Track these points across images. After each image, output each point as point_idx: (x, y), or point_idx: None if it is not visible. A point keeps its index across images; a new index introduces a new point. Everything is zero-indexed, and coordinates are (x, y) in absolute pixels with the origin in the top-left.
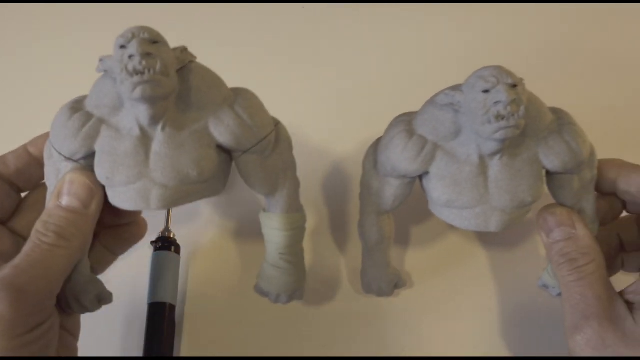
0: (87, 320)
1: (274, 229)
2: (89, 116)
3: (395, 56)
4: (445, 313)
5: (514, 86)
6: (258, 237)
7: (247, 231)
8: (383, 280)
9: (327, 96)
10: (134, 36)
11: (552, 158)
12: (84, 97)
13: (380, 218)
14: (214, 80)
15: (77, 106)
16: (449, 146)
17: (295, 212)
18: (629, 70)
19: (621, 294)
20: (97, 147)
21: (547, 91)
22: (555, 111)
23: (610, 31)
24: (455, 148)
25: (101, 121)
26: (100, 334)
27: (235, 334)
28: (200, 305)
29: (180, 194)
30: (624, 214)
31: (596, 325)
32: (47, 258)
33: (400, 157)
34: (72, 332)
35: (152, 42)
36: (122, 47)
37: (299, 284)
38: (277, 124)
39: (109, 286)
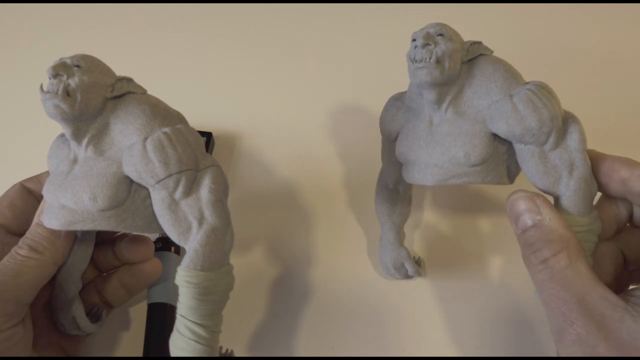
0: None
1: (176, 283)
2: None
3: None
4: (446, 312)
5: (440, 35)
6: (258, 237)
7: (247, 232)
8: (388, 258)
9: (326, 93)
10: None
11: (495, 120)
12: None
13: (386, 189)
14: (143, 112)
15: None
16: (416, 109)
17: (201, 270)
18: (629, 71)
19: (628, 293)
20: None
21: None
22: (535, 82)
23: (610, 31)
24: (419, 110)
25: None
26: (101, 334)
27: (235, 334)
28: None
29: (71, 215)
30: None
31: (583, 330)
32: (18, 268)
33: (384, 117)
34: (68, 353)
35: (73, 65)
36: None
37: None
38: (209, 165)
39: None
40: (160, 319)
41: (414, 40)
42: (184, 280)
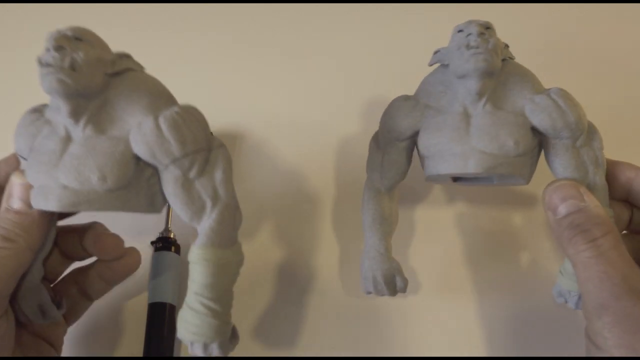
0: (88, 321)
1: (190, 262)
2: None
3: (394, 51)
4: (445, 315)
5: (487, 28)
6: (258, 237)
7: (247, 231)
8: (378, 270)
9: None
10: (54, 35)
11: (538, 113)
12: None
13: (379, 195)
14: (148, 89)
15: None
16: (438, 104)
17: (218, 247)
18: (629, 71)
19: None
20: (35, 147)
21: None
22: (557, 87)
23: (611, 31)
24: (443, 106)
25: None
26: (101, 334)
27: None
28: None
29: (83, 197)
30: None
31: (629, 304)
32: None
33: (394, 116)
34: (51, 342)
35: (74, 38)
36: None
37: (218, 335)
38: (219, 146)
39: None
40: (160, 319)
41: (460, 31)
42: (202, 258)
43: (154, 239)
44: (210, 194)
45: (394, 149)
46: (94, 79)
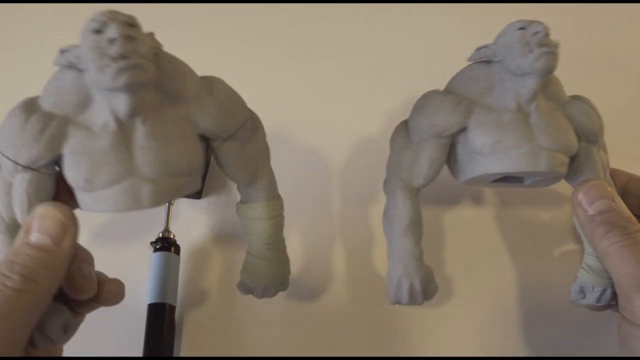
0: (87, 321)
1: (258, 218)
2: (50, 116)
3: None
4: (446, 314)
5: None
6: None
7: None
8: (416, 277)
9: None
10: (110, 19)
11: (580, 116)
12: (36, 97)
13: (413, 196)
14: (186, 68)
15: (31, 107)
16: (485, 101)
17: (276, 199)
18: (630, 71)
19: None
20: (67, 150)
21: None
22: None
23: (614, 31)
24: (491, 103)
25: (66, 120)
26: (101, 334)
27: (235, 334)
28: (200, 306)
29: (171, 189)
30: None
31: None
32: (11, 306)
33: (439, 110)
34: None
35: (129, 24)
36: (98, 31)
37: (285, 273)
38: (250, 110)
39: None
40: (160, 319)
41: (521, 28)
42: (271, 209)
43: (153, 239)
44: (259, 155)
45: (435, 146)
46: (155, 67)
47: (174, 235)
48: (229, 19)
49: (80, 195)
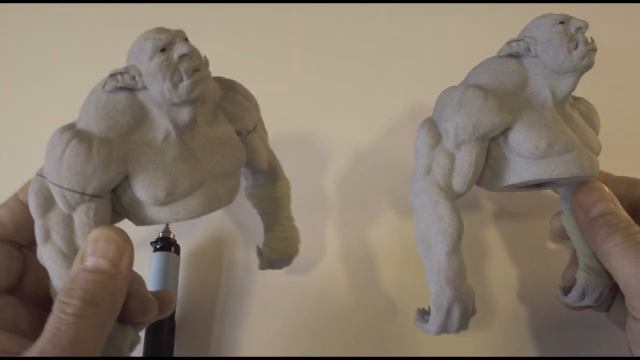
0: None
1: (277, 197)
2: (108, 141)
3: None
4: None
5: None
6: (258, 237)
7: (247, 231)
8: (468, 299)
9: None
10: (174, 37)
11: (593, 117)
12: (76, 125)
13: (455, 206)
14: None
15: (85, 135)
16: (518, 98)
17: (285, 177)
18: (630, 71)
19: None
20: (135, 169)
21: None
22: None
23: (614, 31)
24: (524, 100)
25: (124, 141)
26: None
27: (235, 334)
28: (200, 306)
29: (238, 182)
30: None
31: None
32: (75, 334)
33: (485, 109)
34: None
35: (186, 39)
36: (163, 50)
37: (298, 241)
38: None
39: None
40: (160, 319)
41: (561, 22)
42: (286, 187)
43: (153, 239)
44: (266, 139)
45: (478, 149)
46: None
47: (174, 235)
48: (232, 18)
49: (152, 211)
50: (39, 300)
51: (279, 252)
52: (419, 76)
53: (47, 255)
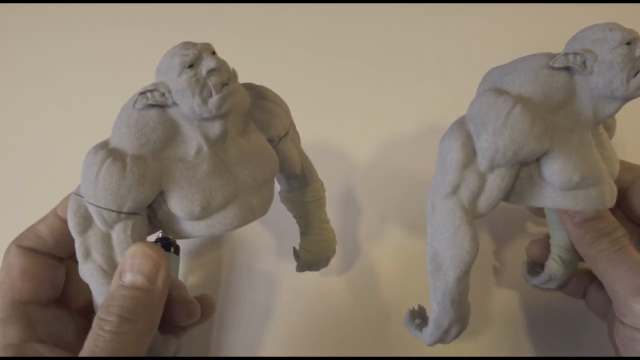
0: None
1: (315, 199)
2: (142, 158)
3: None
4: None
5: None
6: (258, 237)
7: (247, 232)
8: (467, 318)
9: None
10: (201, 51)
11: (613, 126)
12: (109, 144)
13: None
14: None
15: (118, 153)
16: (557, 117)
17: (319, 179)
18: None
19: None
20: (169, 186)
21: None
22: None
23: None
24: (562, 120)
25: (156, 158)
26: None
27: (235, 334)
28: None
29: (271, 192)
30: None
31: None
32: (112, 351)
33: (530, 136)
34: None
35: (214, 52)
36: (191, 65)
37: (335, 241)
38: None
39: None
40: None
41: (628, 43)
42: (321, 189)
43: (153, 240)
44: (299, 143)
45: (511, 172)
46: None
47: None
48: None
49: (188, 225)
50: (85, 311)
51: (315, 254)
52: (420, 79)
53: (88, 272)
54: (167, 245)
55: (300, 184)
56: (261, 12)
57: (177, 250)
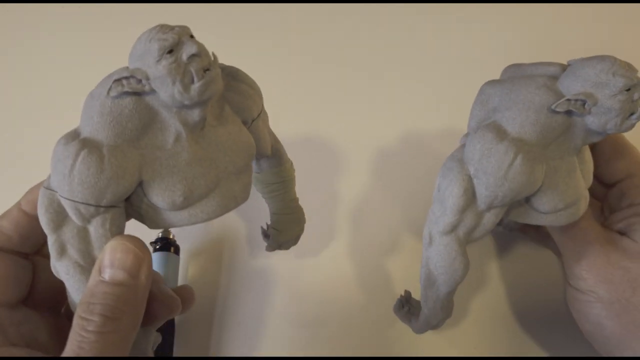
0: None
1: (283, 180)
2: (118, 148)
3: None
4: None
5: None
6: (258, 237)
7: (247, 232)
8: (451, 309)
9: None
10: (180, 35)
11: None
12: (77, 133)
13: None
14: None
15: (93, 144)
16: (551, 152)
17: (289, 160)
18: None
19: (606, 226)
20: (149, 176)
21: None
22: None
23: (613, 31)
24: (551, 152)
25: (133, 147)
26: None
27: (235, 334)
28: (199, 306)
29: (250, 177)
30: None
31: (598, 246)
32: (98, 352)
33: (527, 184)
34: None
35: (192, 36)
36: (171, 51)
37: (304, 221)
38: None
39: None
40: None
41: (628, 90)
42: (291, 169)
43: (153, 239)
44: (268, 124)
45: (504, 210)
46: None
47: (173, 235)
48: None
49: (169, 215)
50: (54, 307)
51: (285, 233)
52: (420, 79)
53: (63, 269)
54: (167, 245)
55: (271, 164)
56: (260, 11)
57: (177, 250)
